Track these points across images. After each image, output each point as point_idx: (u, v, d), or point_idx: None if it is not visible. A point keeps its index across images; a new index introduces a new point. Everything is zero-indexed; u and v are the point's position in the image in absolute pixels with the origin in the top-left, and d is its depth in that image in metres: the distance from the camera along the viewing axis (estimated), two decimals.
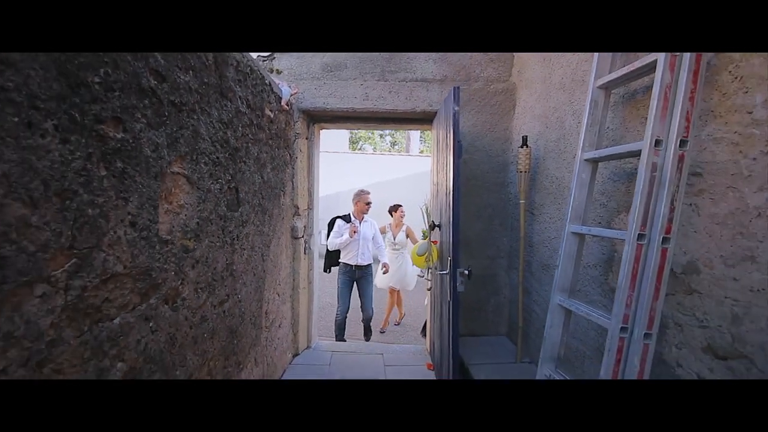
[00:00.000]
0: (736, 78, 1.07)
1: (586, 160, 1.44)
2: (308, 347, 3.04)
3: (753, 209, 1.01)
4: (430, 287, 2.80)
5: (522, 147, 2.23)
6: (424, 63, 2.78)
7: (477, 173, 2.73)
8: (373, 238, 3.84)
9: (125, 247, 0.91)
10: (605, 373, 1.14)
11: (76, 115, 0.76)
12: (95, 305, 0.83)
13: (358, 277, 3.72)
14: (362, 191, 3.79)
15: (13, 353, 0.65)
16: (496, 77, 2.75)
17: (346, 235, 3.61)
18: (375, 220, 3.95)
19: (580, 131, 1.53)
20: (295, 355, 2.88)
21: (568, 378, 1.41)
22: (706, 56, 1.11)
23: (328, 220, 3.85)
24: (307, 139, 2.90)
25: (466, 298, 2.76)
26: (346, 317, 3.68)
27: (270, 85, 2.13)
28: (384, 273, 4.06)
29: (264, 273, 2.09)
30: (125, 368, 0.93)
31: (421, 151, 12.87)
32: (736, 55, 1.06)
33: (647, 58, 1.20)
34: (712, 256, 1.12)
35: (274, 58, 2.85)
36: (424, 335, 3.70)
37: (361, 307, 3.78)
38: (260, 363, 2.09)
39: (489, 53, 2.76)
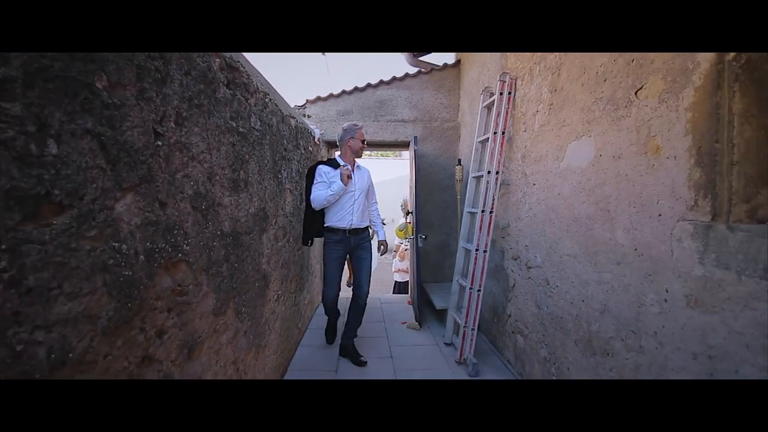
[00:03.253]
0: (517, 145, 2.63)
1: (472, 177, 3.01)
2: None
3: (519, 199, 2.58)
4: (407, 248, 4.38)
5: (458, 165, 3.80)
6: (403, 109, 4.34)
7: (437, 180, 4.30)
8: (367, 193, 2.86)
9: (281, 217, 2.47)
10: (470, 268, 2.70)
11: (275, 173, 2.31)
12: (276, 236, 2.39)
13: (353, 246, 2.76)
14: (355, 124, 2.85)
15: (273, 242, 2.20)
16: (448, 118, 4.31)
17: (339, 183, 2.58)
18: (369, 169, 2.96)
19: (470, 161, 3.10)
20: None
21: (465, 282, 2.97)
22: (508, 134, 2.67)
23: (306, 170, 2.90)
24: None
25: (432, 259, 4.33)
26: (335, 302, 2.89)
27: (310, 132, 3.68)
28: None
29: None
30: (284, 260, 2.49)
31: None
32: (517, 135, 2.62)
33: (487, 134, 2.76)
34: (512, 218, 2.69)
35: (306, 107, 4.40)
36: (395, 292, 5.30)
37: (352, 284, 2.90)
38: (309, 292, 3.65)
39: (443, 102, 4.32)
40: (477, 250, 2.69)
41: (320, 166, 2.75)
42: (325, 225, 2.76)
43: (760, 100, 1.14)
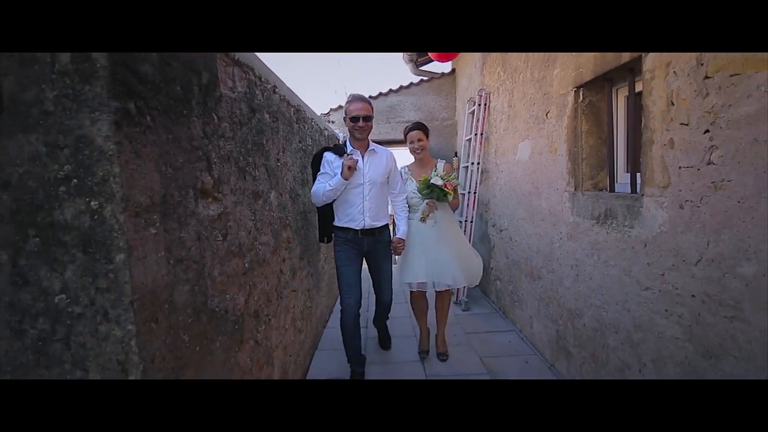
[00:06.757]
0: (491, 143, 3.58)
1: (462, 166, 3.97)
2: None
3: (494, 182, 3.54)
4: None
5: (455, 156, 4.75)
6: (409, 112, 5.29)
7: None
8: (388, 182, 2.36)
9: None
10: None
11: None
12: None
13: (368, 249, 2.33)
14: (349, 100, 2.28)
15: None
16: (447, 117, 5.24)
17: (338, 176, 2.12)
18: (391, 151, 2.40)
19: (461, 154, 4.06)
20: None
21: None
22: (486, 135, 3.62)
23: (312, 156, 2.45)
24: None
25: None
26: (358, 312, 2.30)
27: (336, 136, 4.68)
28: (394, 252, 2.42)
29: None
30: None
31: None
32: (492, 136, 3.56)
33: (471, 135, 3.71)
34: (490, 196, 3.65)
35: (330, 114, 5.40)
36: None
37: (374, 289, 2.48)
38: None
39: (442, 104, 5.25)
40: (466, 221, 3.67)
41: (325, 154, 2.27)
42: (334, 224, 2.33)
43: (596, 123, 2.09)
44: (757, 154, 1.11)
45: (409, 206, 2.53)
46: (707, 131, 1.27)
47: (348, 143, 2.31)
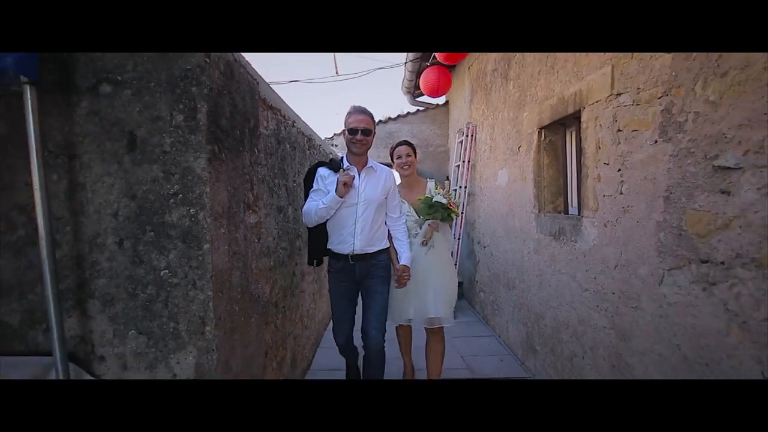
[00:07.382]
0: (477, 170, 4.05)
1: (452, 189, 4.44)
2: None
3: (479, 204, 4.00)
4: None
5: (446, 180, 5.23)
6: (406, 138, 5.79)
7: None
8: (386, 201, 2.13)
9: None
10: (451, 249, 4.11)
11: None
12: None
13: (361, 274, 2.08)
14: (349, 111, 2.07)
15: None
16: (440, 144, 5.76)
17: (332, 193, 1.96)
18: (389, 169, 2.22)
19: (452, 178, 4.53)
20: None
21: None
22: (472, 162, 4.10)
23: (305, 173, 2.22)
24: None
25: None
26: (351, 338, 2.17)
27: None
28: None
29: None
30: None
31: None
32: (477, 163, 4.05)
33: (459, 162, 4.20)
34: (476, 217, 4.11)
35: (333, 138, 5.90)
36: None
37: (362, 320, 2.10)
38: None
39: (436, 132, 5.77)
40: (455, 238, 4.10)
41: (319, 169, 2.11)
42: (327, 246, 2.12)
43: (555, 158, 2.56)
44: (647, 188, 1.56)
45: None
46: (619, 170, 1.73)
47: (345, 159, 2.11)
